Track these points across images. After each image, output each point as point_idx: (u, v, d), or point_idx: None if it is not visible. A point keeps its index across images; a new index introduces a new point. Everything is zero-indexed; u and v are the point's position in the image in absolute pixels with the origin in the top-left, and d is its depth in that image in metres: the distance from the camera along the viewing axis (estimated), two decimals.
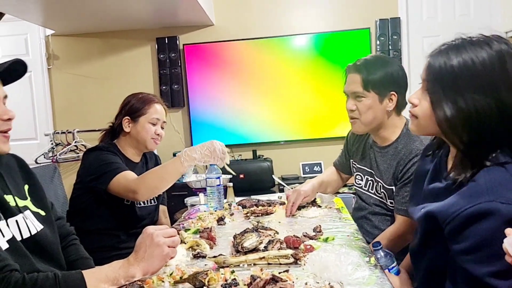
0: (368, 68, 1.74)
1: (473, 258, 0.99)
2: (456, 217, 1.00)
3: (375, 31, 4.14)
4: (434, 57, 1.09)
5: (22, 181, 1.38)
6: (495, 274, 0.96)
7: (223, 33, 4.25)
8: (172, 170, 1.80)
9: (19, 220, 1.27)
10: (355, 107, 1.77)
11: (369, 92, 1.73)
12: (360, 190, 1.98)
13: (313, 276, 1.13)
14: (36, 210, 1.37)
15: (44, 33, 4.26)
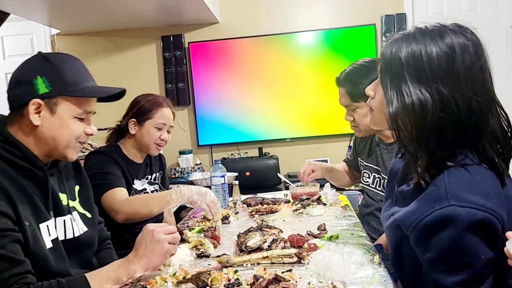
0: (351, 81, 1.76)
1: (441, 268, 0.94)
2: (417, 226, 0.95)
3: (381, 27, 4.11)
4: (387, 46, 1.04)
5: (74, 182, 1.41)
6: (463, 283, 0.92)
7: (228, 30, 4.24)
8: (159, 201, 1.78)
9: (66, 220, 1.29)
10: (352, 118, 1.82)
11: (359, 102, 1.75)
12: (368, 188, 1.98)
13: (317, 276, 1.13)
14: (83, 212, 1.40)
15: (50, 32, 4.28)
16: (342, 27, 4.14)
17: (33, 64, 1.21)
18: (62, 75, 1.19)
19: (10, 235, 1.07)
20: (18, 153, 1.18)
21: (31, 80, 1.17)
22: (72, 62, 1.25)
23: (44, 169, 1.23)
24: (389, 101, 1.00)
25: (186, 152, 4.20)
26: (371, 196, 1.95)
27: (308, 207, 1.93)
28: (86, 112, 1.25)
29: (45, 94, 1.17)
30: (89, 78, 1.27)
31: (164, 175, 2.27)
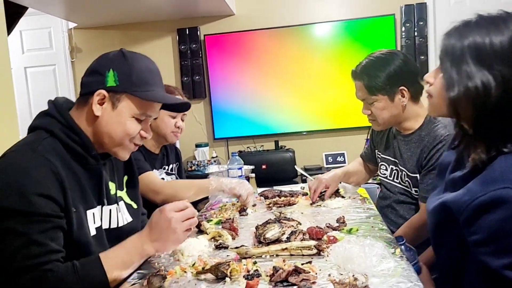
0: (368, 73, 1.72)
1: (488, 250, 0.94)
2: (469, 206, 0.96)
3: (400, 17, 4.04)
4: (449, 34, 1.06)
5: (123, 172, 1.43)
6: (511, 266, 0.92)
7: (244, 23, 4.22)
8: (199, 187, 1.85)
9: (112, 210, 1.32)
10: (370, 111, 1.78)
11: (376, 96, 1.72)
12: (385, 180, 1.94)
13: (337, 268, 1.11)
14: (130, 202, 1.42)
15: (67, 26, 4.32)
16: (360, 18, 4.08)
17: (110, 57, 1.24)
18: (132, 74, 1.20)
19: (54, 221, 1.08)
20: (76, 139, 1.21)
21: (103, 71, 1.20)
22: (147, 65, 1.26)
23: (98, 158, 1.26)
24: (450, 86, 1.02)
25: (202, 145, 4.21)
26: (388, 188, 1.91)
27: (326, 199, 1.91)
28: (146, 115, 1.25)
29: (111, 88, 1.19)
30: (158, 84, 1.27)
31: (180, 167, 2.28)
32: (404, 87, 1.69)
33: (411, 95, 1.71)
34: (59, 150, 1.18)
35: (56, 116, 1.21)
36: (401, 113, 1.74)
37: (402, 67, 1.70)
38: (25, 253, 1.01)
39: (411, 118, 1.76)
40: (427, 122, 1.74)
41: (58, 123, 1.20)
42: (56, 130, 1.19)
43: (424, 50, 4.02)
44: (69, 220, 1.14)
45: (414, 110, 1.75)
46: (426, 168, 1.68)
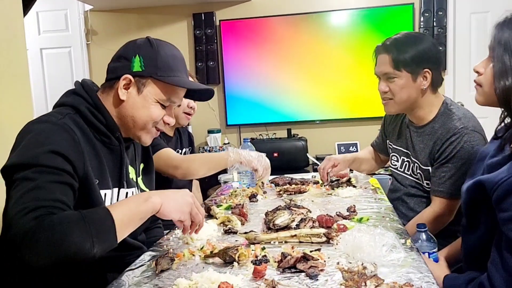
0: (398, 47, 1.67)
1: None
2: (502, 184, 0.98)
3: (419, 6, 3.96)
4: (501, 25, 1.08)
5: (140, 159, 1.45)
6: None
7: (260, 9, 4.18)
8: (217, 159, 1.85)
9: (129, 193, 1.32)
10: (388, 89, 1.71)
11: (400, 71, 1.66)
12: (396, 172, 1.92)
13: (346, 256, 1.10)
14: (145, 189, 1.43)
15: (83, 8, 4.32)
16: (379, 6, 4.01)
17: (137, 43, 1.26)
18: (157, 59, 1.22)
19: (65, 177, 1.06)
20: (101, 118, 1.22)
21: (130, 57, 1.23)
22: (172, 51, 1.28)
23: (121, 140, 1.28)
24: (502, 75, 1.05)
25: (215, 131, 4.21)
26: (399, 180, 1.89)
27: (337, 188, 1.90)
28: (170, 101, 1.27)
29: (137, 73, 1.22)
30: (182, 71, 1.29)
31: (193, 151, 2.29)
32: (428, 69, 1.65)
33: (432, 81, 1.67)
34: (83, 126, 1.18)
35: (83, 95, 1.23)
36: (418, 97, 1.69)
37: (432, 48, 1.67)
38: (32, 195, 0.99)
39: (425, 107, 1.72)
40: (441, 114, 1.70)
41: (85, 102, 1.22)
42: (82, 107, 1.20)
43: (443, 41, 3.93)
44: (89, 190, 1.14)
45: (430, 98, 1.71)
46: (438, 161, 1.65)
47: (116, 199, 1.27)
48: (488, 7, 3.88)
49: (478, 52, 3.96)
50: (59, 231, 0.94)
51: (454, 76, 4.03)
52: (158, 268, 1.08)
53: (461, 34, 3.97)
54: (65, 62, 4.40)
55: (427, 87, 1.67)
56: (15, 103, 2.03)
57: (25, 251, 0.93)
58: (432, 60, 1.66)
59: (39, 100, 4.35)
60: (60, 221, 0.96)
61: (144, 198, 1.11)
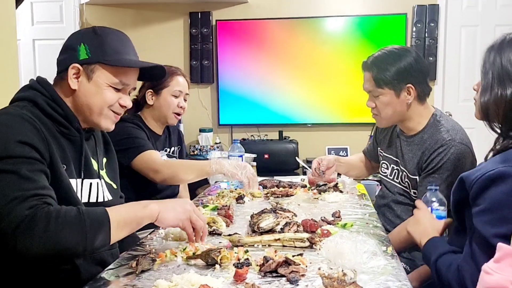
0: (378, 65, 1.71)
1: (485, 219, 1.02)
2: (479, 179, 1.03)
3: (412, 17, 4.00)
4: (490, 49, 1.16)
5: (102, 153, 1.45)
6: (502, 236, 0.97)
7: (256, 11, 4.19)
8: (199, 169, 1.85)
9: (93, 184, 1.32)
10: (374, 105, 1.77)
11: (383, 89, 1.71)
12: (385, 179, 1.94)
13: (327, 262, 1.11)
14: (110, 182, 1.44)
15: (79, 1, 4.29)
16: (373, 15, 4.04)
17: (81, 33, 1.30)
18: (103, 45, 1.23)
19: (39, 165, 1.09)
20: (59, 110, 1.23)
21: (75, 46, 1.24)
22: (117, 35, 1.29)
23: (81, 130, 1.28)
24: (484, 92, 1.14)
25: (206, 130, 4.20)
26: (388, 187, 1.91)
27: (324, 193, 1.92)
28: (123, 84, 1.27)
29: (84, 60, 1.23)
30: (130, 52, 1.30)
31: (182, 150, 2.28)
32: (411, 85, 1.68)
33: (417, 94, 1.70)
34: (42, 119, 1.19)
35: (39, 89, 1.24)
36: (404, 111, 1.73)
37: (412, 64, 1.69)
38: (18, 186, 1.01)
39: (414, 118, 1.75)
40: (430, 125, 1.73)
41: (42, 95, 1.23)
42: (39, 100, 1.21)
43: (433, 52, 3.99)
44: (58, 176, 1.15)
45: (418, 110, 1.74)
46: (426, 171, 1.67)
47: (81, 189, 1.27)
48: (478, 21, 3.95)
49: (467, 64, 4.01)
50: (56, 223, 0.98)
51: (443, 86, 4.08)
52: (138, 268, 1.08)
53: (451, 46, 4.02)
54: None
55: (412, 101, 1.70)
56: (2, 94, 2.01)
57: (19, 239, 0.96)
58: (414, 75, 1.69)
59: None
60: (57, 213, 0.99)
61: (142, 205, 1.15)
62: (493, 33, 3.92)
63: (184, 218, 1.19)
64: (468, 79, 4.01)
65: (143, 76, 1.38)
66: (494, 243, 0.97)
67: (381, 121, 1.80)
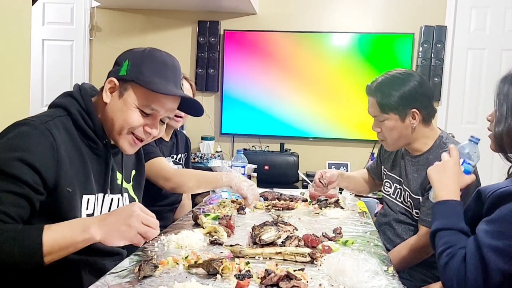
0: (382, 91, 1.71)
1: (487, 228, 1.05)
2: (493, 193, 1.06)
3: (419, 37, 4.03)
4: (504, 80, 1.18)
5: (131, 166, 1.45)
6: (495, 249, 1.00)
7: (265, 23, 4.23)
8: (210, 179, 1.85)
9: (114, 199, 1.32)
10: (380, 129, 1.77)
11: (388, 114, 1.71)
12: (388, 197, 1.94)
13: (328, 278, 1.11)
14: (134, 196, 1.43)
15: (90, 4, 4.34)
16: (380, 33, 4.08)
17: (134, 50, 1.27)
18: (144, 66, 1.22)
19: (25, 190, 1.06)
20: (90, 124, 1.23)
21: (121, 61, 1.24)
22: (163, 59, 1.25)
23: (108, 147, 1.28)
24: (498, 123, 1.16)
25: (208, 139, 4.22)
26: (390, 206, 1.91)
27: (325, 208, 1.92)
28: (151, 108, 1.23)
29: (122, 76, 1.23)
30: (169, 79, 1.24)
31: (188, 157, 2.29)
32: (416, 109, 1.69)
33: (422, 118, 1.71)
34: (71, 130, 1.19)
35: (78, 98, 1.24)
36: (410, 135, 1.74)
37: (417, 89, 1.69)
38: None
39: (419, 140, 1.76)
40: (436, 146, 1.73)
41: (78, 105, 1.23)
42: (73, 110, 1.21)
43: (439, 72, 4.02)
44: (59, 198, 1.14)
45: (423, 132, 1.74)
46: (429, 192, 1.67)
47: (101, 205, 1.27)
48: (485, 45, 3.99)
49: (472, 87, 4.04)
50: None
51: (447, 107, 4.10)
52: (140, 274, 1.08)
53: (457, 68, 4.05)
54: (66, 55, 4.40)
55: (417, 124, 1.71)
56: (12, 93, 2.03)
57: None
58: (419, 100, 1.69)
59: (36, 91, 4.34)
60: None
61: (83, 228, 1.07)
62: (499, 57, 3.96)
63: (130, 236, 1.09)
64: (473, 102, 4.04)
65: (182, 107, 1.34)
66: (485, 253, 1.01)
67: (388, 145, 1.81)
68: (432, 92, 1.78)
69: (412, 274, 1.72)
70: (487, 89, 4.02)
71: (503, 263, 1.00)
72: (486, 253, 1.01)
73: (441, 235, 1.17)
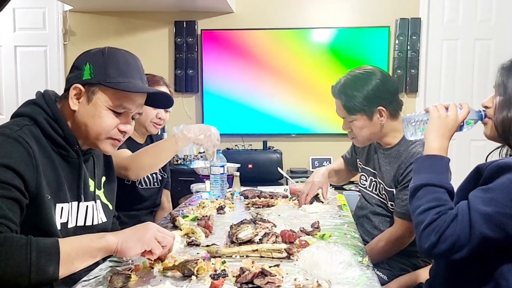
0: (346, 94, 1.73)
1: (480, 194, 1.04)
2: (491, 164, 1.06)
3: (395, 30, 4.07)
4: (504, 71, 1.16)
5: (102, 172, 1.43)
6: (484, 214, 1.00)
7: (242, 21, 4.22)
8: (165, 148, 1.74)
9: (89, 206, 1.31)
10: (350, 129, 1.79)
11: (355, 115, 1.73)
12: (364, 190, 1.96)
13: (304, 273, 1.12)
14: (106, 202, 1.42)
15: (63, 8, 4.27)
16: (356, 27, 4.10)
17: (90, 52, 1.26)
18: (107, 66, 1.21)
19: (14, 193, 1.04)
20: (59, 131, 1.21)
21: (81, 66, 1.22)
22: (125, 57, 1.26)
23: (80, 154, 1.26)
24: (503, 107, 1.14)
25: None
26: (367, 199, 1.93)
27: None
28: (123, 107, 1.24)
29: (86, 81, 1.21)
30: (136, 76, 1.25)
31: None
32: (382, 106, 1.70)
33: (389, 113, 1.73)
34: (40, 139, 1.17)
35: (43, 106, 1.22)
36: (379, 131, 1.75)
37: (379, 87, 1.70)
38: None
39: (389, 134, 1.78)
40: (405, 138, 1.75)
41: (44, 113, 1.21)
42: (40, 118, 1.19)
43: (415, 64, 4.07)
44: (39, 205, 1.12)
45: (392, 126, 1.76)
46: (402, 184, 1.69)
47: (76, 213, 1.26)
48: (459, 35, 4.06)
49: (448, 77, 4.11)
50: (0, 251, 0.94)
51: (425, 98, 4.15)
52: (111, 286, 1.05)
53: (432, 59, 4.11)
54: (40, 61, 4.32)
55: (385, 120, 1.72)
56: None
57: None
58: (383, 97, 1.70)
59: (10, 98, 4.27)
60: (3, 241, 0.96)
61: (99, 235, 1.09)
62: (473, 46, 4.03)
63: (147, 239, 1.10)
64: (449, 91, 4.10)
65: (150, 102, 1.34)
66: (473, 217, 1.01)
67: (359, 142, 1.84)
68: (396, 87, 1.79)
69: (391, 264, 1.74)
70: (462, 78, 4.09)
71: (486, 229, 1.00)
72: (473, 216, 1.01)
73: (430, 190, 1.13)
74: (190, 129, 1.72)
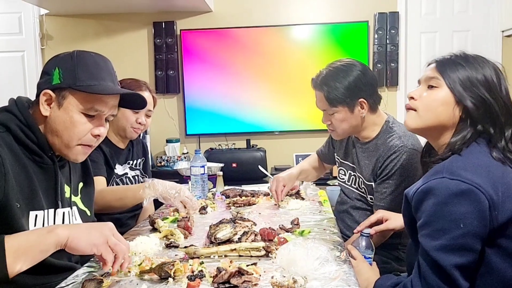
0: (328, 85, 1.73)
1: (425, 232, 1.05)
2: (414, 194, 1.08)
3: (374, 24, 4.10)
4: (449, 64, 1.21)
5: (78, 178, 1.41)
6: (441, 248, 1.01)
7: (221, 20, 4.21)
8: (132, 194, 1.69)
9: (65, 213, 1.29)
10: (330, 122, 1.79)
11: (337, 107, 1.73)
12: (343, 185, 1.97)
13: (281, 270, 1.12)
14: (84, 208, 1.39)
15: (39, 12, 4.20)
16: (335, 23, 4.12)
17: (59, 57, 1.24)
18: (76, 70, 1.20)
19: None
20: (32, 137, 1.20)
21: (50, 71, 1.21)
22: (94, 59, 1.24)
23: (54, 160, 1.25)
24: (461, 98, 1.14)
25: (173, 141, 4.18)
26: (346, 193, 1.94)
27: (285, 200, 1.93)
28: (95, 110, 1.22)
29: (56, 86, 1.19)
30: (106, 78, 1.24)
31: (146, 162, 2.25)
32: (363, 99, 1.71)
33: (369, 106, 1.74)
34: (13, 146, 1.16)
35: (16, 112, 1.20)
36: (360, 124, 1.76)
37: (361, 78, 1.71)
38: None
39: (368, 127, 1.79)
40: (383, 132, 1.77)
41: (16, 119, 1.19)
42: (12, 126, 1.18)
43: (395, 58, 4.10)
44: (8, 214, 1.11)
45: (372, 119, 1.77)
46: (380, 178, 1.71)
47: (53, 220, 1.24)
48: (436, 28, 4.09)
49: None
50: None
51: (405, 91, 4.18)
52: None
53: (412, 52, 4.14)
54: (18, 66, 4.25)
55: (366, 113, 1.73)
56: None
57: None
58: (363, 89, 1.71)
59: None
60: None
61: (48, 230, 1.05)
62: (451, 38, 4.07)
63: (99, 242, 1.05)
64: None
65: (124, 103, 1.33)
66: (434, 257, 1.01)
67: (338, 135, 1.83)
68: (376, 80, 1.81)
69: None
70: None
71: (455, 258, 1.00)
72: (436, 255, 1.01)
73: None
74: (161, 183, 1.67)
